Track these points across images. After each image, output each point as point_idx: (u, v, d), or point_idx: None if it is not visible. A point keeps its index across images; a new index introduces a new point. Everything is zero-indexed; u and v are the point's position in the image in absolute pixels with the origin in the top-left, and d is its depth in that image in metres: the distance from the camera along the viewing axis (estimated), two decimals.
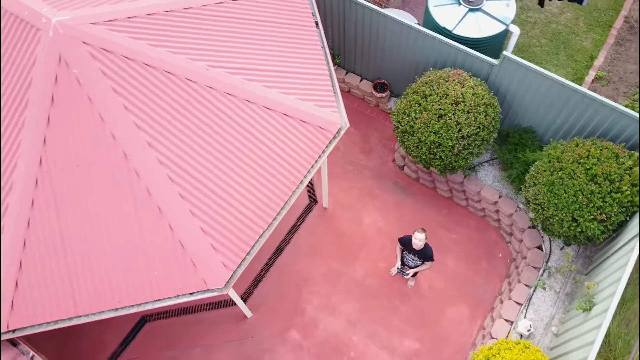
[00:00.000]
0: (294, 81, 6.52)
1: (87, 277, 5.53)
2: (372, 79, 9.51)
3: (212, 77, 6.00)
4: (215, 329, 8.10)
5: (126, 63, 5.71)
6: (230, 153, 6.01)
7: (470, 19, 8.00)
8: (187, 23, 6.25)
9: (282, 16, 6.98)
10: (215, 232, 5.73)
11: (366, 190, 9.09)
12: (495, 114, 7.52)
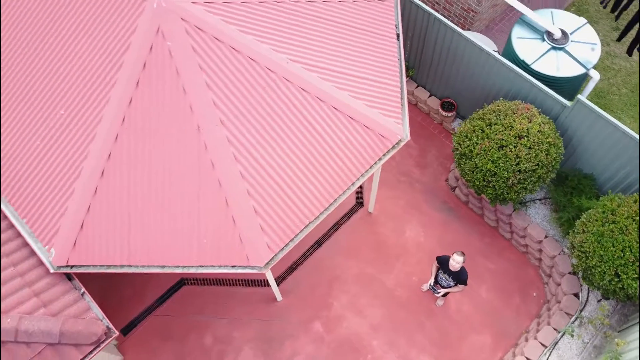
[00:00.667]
0: (365, 87, 6.77)
1: (143, 232, 6.02)
2: (441, 96, 9.63)
3: (291, 70, 6.34)
4: (245, 305, 8.50)
5: (215, 44, 6.14)
6: (292, 144, 6.34)
7: (551, 56, 7.99)
8: (276, 15, 6.62)
9: (367, 23, 7.24)
10: (266, 214, 6.08)
11: (414, 204, 9.24)
12: (558, 155, 7.51)
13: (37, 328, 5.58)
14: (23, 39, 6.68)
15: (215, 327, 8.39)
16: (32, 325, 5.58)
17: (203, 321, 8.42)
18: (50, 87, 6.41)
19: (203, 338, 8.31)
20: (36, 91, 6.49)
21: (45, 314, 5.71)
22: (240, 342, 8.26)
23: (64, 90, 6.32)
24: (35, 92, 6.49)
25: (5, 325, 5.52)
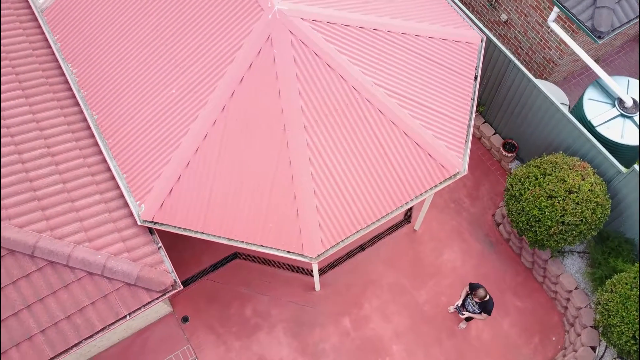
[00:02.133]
0: (436, 119, 7.46)
1: (220, 207, 6.96)
2: (505, 136, 10.15)
3: (373, 93, 7.11)
4: (286, 287, 9.39)
5: (314, 58, 6.98)
6: (360, 157, 7.12)
7: (617, 122, 8.40)
8: (371, 41, 7.39)
9: (450, 61, 7.91)
10: (325, 214, 6.90)
11: (458, 230, 9.85)
12: (603, 215, 7.96)
13: (120, 268, 6.64)
14: (155, 22, 7.75)
15: (256, 301, 9.33)
16: (117, 265, 6.63)
17: (246, 294, 9.37)
18: (169, 67, 7.45)
19: (244, 309, 9.26)
20: (156, 68, 7.54)
21: (128, 258, 6.76)
22: (275, 320, 9.16)
23: (179, 73, 7.34)
24: (155, 68, 7.54)
25: (96, 259, 6.60)
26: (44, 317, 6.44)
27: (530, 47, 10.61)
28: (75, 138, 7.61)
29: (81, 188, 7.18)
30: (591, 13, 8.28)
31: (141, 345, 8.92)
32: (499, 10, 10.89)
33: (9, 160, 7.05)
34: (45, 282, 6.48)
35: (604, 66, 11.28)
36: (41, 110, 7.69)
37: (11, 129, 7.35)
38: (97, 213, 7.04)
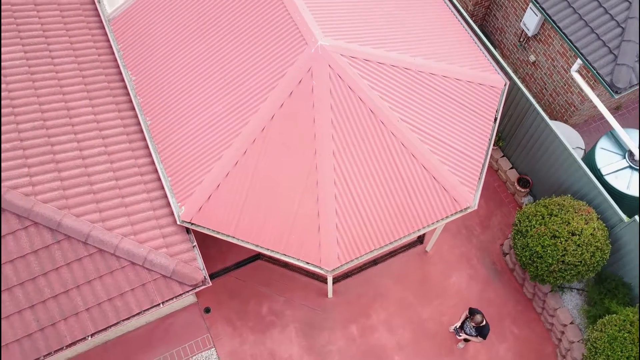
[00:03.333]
0: (453, 156, 8.15)
1: (251, 216, 7.80)
2: (521, 172, 10.76)
3: (399, 128, 7.85)
4: (301, 291, 10.20)
5: (348, 92, 7.75)
6: (380, 184, 7.86)
7: (625, 173, 8.96)
8: (401, 79, 8.12)
9: (472, 102, 8.58)
10: (343, 232, 7.68)
11: (467, 256, 10.51)
12: (601, 259, 8.54)
13: (159, 262, 7.53)
14: (209, 42, 8.62)
15: (273, 301, 10.16)
16: (156, 258, 7.53)
17: (265, 293, 10.21)
18: (218, 85, 8.31)
19: (261, 306, 10.10)
20: (206, 84, 8.41)
21: (166, 253, 7.65)
22: (288, 320, 9.98)
23: (227, 91, 8.19)
24: (206, 84, 8.41)
25: (139, 251, 7.50)
26: (90, 297, 7.38)
27: (554, 90, 11.18)
28: (129, 140, 8.54)
29: (131, 186, 8.10)
30: (611, 69, 8.86)
31: (165, 329, 9.84)
32: (528, 51, 11.47)
33: (72, 156, 8.01)
34: (94, 267, 7.42)
35: (625, 113, 11.76)
36: (102, 112, 8.64)
37: (76, 127, 8.32)
38: (143, 210, 7.95)
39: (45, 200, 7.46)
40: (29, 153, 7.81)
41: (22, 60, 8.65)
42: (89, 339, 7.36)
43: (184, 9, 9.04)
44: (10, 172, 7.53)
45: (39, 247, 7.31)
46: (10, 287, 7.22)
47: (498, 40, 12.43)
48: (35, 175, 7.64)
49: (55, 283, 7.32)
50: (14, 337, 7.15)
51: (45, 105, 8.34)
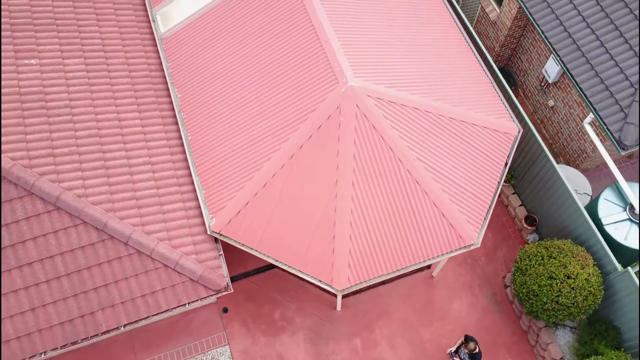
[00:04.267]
0: (463, 195, 8.88)
1: (274, 232, 8.65)
2: (529, 210, 11.40)
3: (414, 166, 8.61)
4: (312, 301, 11.03)
5: (371, 130, 8.54)
6: (393, 215, 8.63)
7: (624, 225, 9.55)
8: (422, 122, 8.88)
9: (486, 146, 9.29)
10: (355, 257, 8.48)
11: (470, 284, 11.21)
12: (593, 303, 9.16)
13: (188, 266, 8.45)
14: (250, 71, 9.51)
15: (285, 307, 11.02)
16: (187, 263, 8.44)
17: (278, 299, 11.08)
18: (254, 111, 9.18)
19: (273, 312, 10.97)
20: (244, 109, 9.30)
21: (195, 260, 8.56)
22: (298, 326, 10.83)
23: (262, 118, 9.06)
24: (243, 109, 9.30)
25: (172, 256, 8.42)
26: (126, 292, 8.34)
27: (569, 135, 11.78)
28: (171, 152, 9.48)
29: (169, 195, 9.03)
30: (621, 126, 9.46)
31: (186, 323, 10.78)
32: (548, 95, 12.08)
33: (120, 163, 8.98)
34: (131, 265, 8.37)
35: (634, 163, 12.27)
36: (149, 124, 9.60)
37: (125, 137, 9.29)
38: (178, 218, 8.87)
39: (94, 202, 8.44)
40: (83, 158, 8.80)
41: (83, 72, 9.66)
42: (122, 328, 8.32)
43: (229, 37, 9.94)
44: (66, 175, 8.53)
45: (86, 244, 8.29)
46: (59, 276, 8.22)
47: (521, 81, 13.05)
48: (88, 179, 8.62)
49: (97, 277, 8.30)
50: (58, 321, 8.15)
51: (100, 115, 9.33)
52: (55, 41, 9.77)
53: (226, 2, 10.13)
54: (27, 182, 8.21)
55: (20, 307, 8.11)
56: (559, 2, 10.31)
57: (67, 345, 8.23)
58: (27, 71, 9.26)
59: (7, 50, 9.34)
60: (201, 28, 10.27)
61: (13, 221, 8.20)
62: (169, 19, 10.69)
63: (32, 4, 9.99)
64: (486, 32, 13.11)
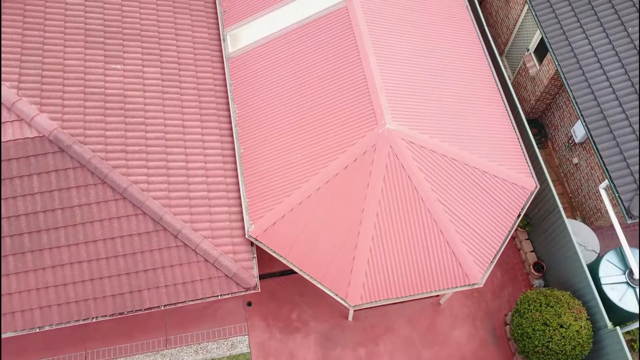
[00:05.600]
0: (474, 238, 9.89)
1: (302, 245, 9.87)
2: (539, 257, 12.27)
3: (434, 206, 9.68)
4: (327, 308, 12.21)
5: (400, 169, 9.65)
6: (409, 247, 9.72)
7: (621, 287, 10.37)
8: (446, 167, 9.93)
9: (503, 196, 10.26)
10: (370, 278, 9.61)
11: (473, 316, 12.18)
12: (581, 354, 10.03)
13: (225, 264, 9.76)
14: (300, 99, 10.75)
15: (302, 310, 12.25)
16: (224, 261, 9.75)
17: (297, 302, 12.32)
18: (300, 137, 10.41)
19: (291, 313, 12.22)
20: (291, 132, 10.54)
21: (232, 259, 9.87)
22: (311, 329, 12.04)
23: (306, 144, 10.29)
24: (291, 133, 10.54)
25: (213, 253, 9.74)
26: (170, 277, 9.72)
27: (587, 193, 12.57)
28: (224, 161, 10.81)
29: (217, 199, 10.37)
30: (632, 196, 10.27)
31: (213, 310, 12.15)
32: (573, 153, 12.90)
33: (179, 166, 10.37)
34: (178, 256, 9.75)
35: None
36: (208, 134, 10.95)
37: (186, 142, 10.67)
38: (222, 220, 10.20)
39: (154, 197, 9.85)
40: (150, 157, 10.22)
41: (158, 80, 11.09)
42: (162, 307, 9.72)
43: (288, 66, 11.19)
44: (134, 170, 9.96)
45: (143, 232, 9.71)
46: (116, 255, 9.67)
47: (552, 134, 13.87)
48: (151, 176, 10.04)
49: (148, 261, 9.71)
50: (110, 293, 9.61)
51: (168, 121, 10.74)
52: (138, 50, 11.24)
53: (289, 35, 11.39)
54: (102, 172, 9.67)
55: (82, 276, 9.60)
56: (594, 72, 11.14)
57: (114, 315, 9.67)
58: (113, 75, 10.75)
59: (99, 54, 10.85)
60: (264, 54, 11.56)
61: (86, 203, 9.68)
62: (238, 40, 12.03)
63: (123, 15, 11.50)
64: (525, 85, 13.97)
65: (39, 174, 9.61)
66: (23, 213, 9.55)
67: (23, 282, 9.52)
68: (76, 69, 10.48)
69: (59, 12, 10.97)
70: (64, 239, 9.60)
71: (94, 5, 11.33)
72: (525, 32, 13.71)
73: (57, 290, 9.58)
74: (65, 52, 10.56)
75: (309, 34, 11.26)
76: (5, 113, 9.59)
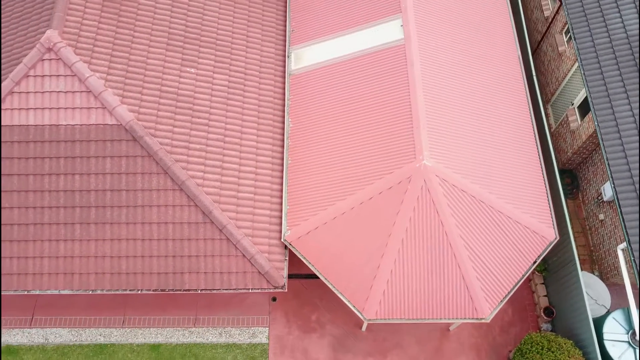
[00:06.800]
0: (487, 276, 10.69)
1: (331, 257, 10.89)
2: (551, 302, 12.91)
3: (456, 242, 10.52)
4: (344, 315, 13.19)
5: (430, 203, 10.53)
6: (427, 276, 10.59)
7: (622, 346, 10.95)
8: (473, 208, 10.74)
9: (522, 243, 11.00)
10: (387, 297, 10.54)
11: (478, 347, 12.94)
12: None
13: (260, 262, 10.87)
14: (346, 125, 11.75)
15: (321, 313, 13.28)
16: (260, 259, 10.87)
17: (318, 305, 13.35)
18: (341, 158, 11.42)
19: (311, 314, 13.27)
20: (333, 154, 11.55)
21: (266, 258, 10.98)
22: (327, 332, 13.06)
23: (348, 165, 11.29)
24: (333, 154, 11.55)
25: (251, 250, 10.87)
26: (210, 265, 10.91)
27: (608, 250, 13.11)
28: (272, 169, 11.93)
29: (261, 202, 11.49)
30: None
31: (241, 299, 13.32)
32: (600, 209, 13.44)
33: (233, 167, 11.53)
34: (220, 248, 10.92)
35: None
36: (261, 142, 12.09)
37: (242, 147, 11.83)
38: (263, 222, 11.32)
39: (207, 192, 11.05)
40: (208, 156, 11.43)
41: (225, 87, 12.29)
42: (199, 291, 10.93)
43: (342, 91, 12.20)
44: (193, 166, 11.18)
45: (192, 222, 10.93)
46: (167, 239, 10.92)
47: (583, 187, 14.41)
48: (207, 174, 11.24)
49: (193, 248, 10.93)
50: (157, 271, 10.88)
51: (229, 125, 11.92)
52: (212, 57, 12.47)
53: (347, 62, 12.40)
54: (165, 164, 10.93)
55: (135, 252, 10.90)
56: (630, 138, 11.69)
57: (157, 290, 10.94)
58: (187, 77, 12.01)
59: (177, 57, 12.12)
60: (323, 76, 12.61)
61: (147, 189, 10.97)
62: (301, 59, 13.12)
63: (203, 23, 12.75)
64: (564, 136, 14.56)
65: (112, 157, 10.95)
66: (94, 189, 10.92)
67: (85, 249, 10.90)
68: (156, 68, 11.78)
69: (149, 14, 12.30)
70: (124, 217, 10.92)
71: (179, 12, 12.61)
72: (572, 87, 14.28)
73: (112, 261, 10.92)
74: (149, 52, 11.88)
75: (367, 64, 12.24)
76: (92, 100, 10.95)
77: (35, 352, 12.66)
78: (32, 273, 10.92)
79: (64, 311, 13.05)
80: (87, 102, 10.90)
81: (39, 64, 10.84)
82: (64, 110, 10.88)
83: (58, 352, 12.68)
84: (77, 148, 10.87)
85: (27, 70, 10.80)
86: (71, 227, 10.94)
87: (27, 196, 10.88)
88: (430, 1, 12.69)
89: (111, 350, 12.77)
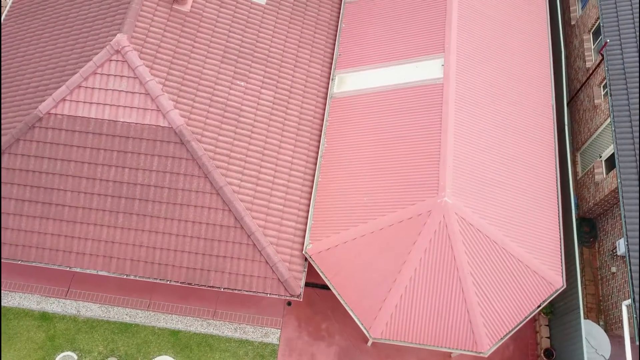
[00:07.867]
0: (490, 314, 11.30)
1: (347, 273, 11.67)
2: (552, 344, 13.39)
3: (465, 277, 11.16)
4: (352, 328, 13.95)
5: (446, 237, 11.20)
6: (435, 304, 11.27)
7: None
8: (487, 248, 11.36)
9: (529, 286, 11.56)
10: (393, 321, 11.27)
11: None
12: None
13: (281, 270, 11.73)
14: (373, 150, 12.50)
15: (331, 323, 14.07)
16: (281, 267, 11.72)
17: (329, 315, 14.15)
18: (368, 181, 12.18)
19: (322, 322, 14.08)
20: (362, 174, 12.32)
21: (287, 267, 11.84)
22: (334, 341, 13.86)
23: (371, 189, 12.03)
24: (362, 174, 12.32)
25: (274, 258, 11.75)
26: (235, 267, 11.84)
27: (615, 303, 13.50)
28: (302, 184, 12.77)
29: (289, 214, 12.36)
30: None
31: (258, 300, 14.22)
32: (613, 261, 13.83)
33: (268, 178, 12.42)
34: (246, 252, 11.83)
35: None
36: (297, 158, 12.95)
37: (279, 160, 12.71)
38: (288, 233, 12.18)
39: (241, 199, 11.98)
40: (246, 166, 12.35)
41: (270, 102, 13.19)
42: (222, 289, 11.87)
43: (377, 119, 12.95)
44: (231, 173, 12.11)
45: (224, 225, 11.87)
46: (199, 237, 11.90)
47: (600, 237, 14.80)
48: (243, 182, 12.17)
49: (222, 249, 11.87)
50: (186, 265, 11.87)
51: (269, 139, 12.82)
52: (261, 73, 13.40)
53: (387, 93, 13.15)
54: (207, 169, 11.90)
55: (168, 245, 11.91)
56: None
57: (184, 283, 11.93)
58: (236, 90, 12.96)
59: (229, 69, 13.08)
60: (362, 102, 13.39)
61: (187, 189, 11.96)
62: (343, 83, 13.93)
63: (258, 40, 13.68)
64: (588, 186, 14.96)
65: (160, 156, 11.97)
66: (140, 183, 11.97)
67: (125, 237, 11.97)
68: (209, 79, 12.76)
69: (209, 26, 13.30)
70: (164, 212, 11.95)
71: (238, 27, 13.58)
72: (602, 140, 14.68)
73: (147, 250, 11.96)
74: (205, 62, 12.87)
75: (404, 97, 12.96)
76: (149, 102, 11.99)
77: (67, 321, 13.83)
78: (75, 252, 12.06)
79: (97, 288, 14.19)
80: (145, 104, 11.95)
81: (107, 64, 11.95)
82: (122, 108, 11.95)
83: (87, 325, 13.83)
84: (130, 144, 11.94)
85: (96, 68, 11.91)
86: (115, 215, 12.02)
87: (80, 182, 12.01)
88: (473, 46, 13.32)
89: (135, 329, 13.85)
